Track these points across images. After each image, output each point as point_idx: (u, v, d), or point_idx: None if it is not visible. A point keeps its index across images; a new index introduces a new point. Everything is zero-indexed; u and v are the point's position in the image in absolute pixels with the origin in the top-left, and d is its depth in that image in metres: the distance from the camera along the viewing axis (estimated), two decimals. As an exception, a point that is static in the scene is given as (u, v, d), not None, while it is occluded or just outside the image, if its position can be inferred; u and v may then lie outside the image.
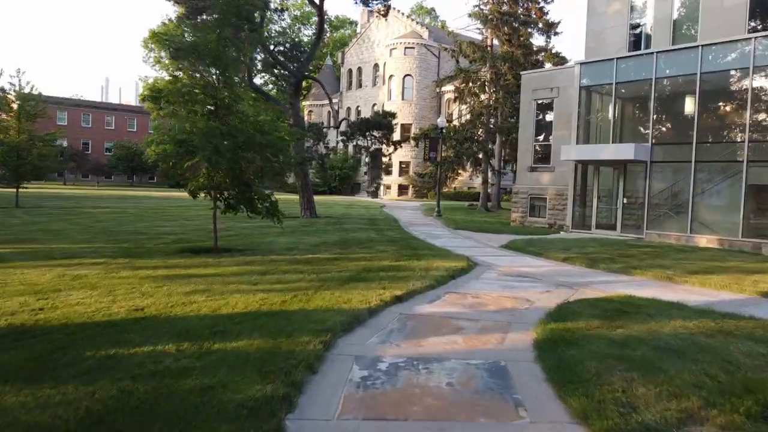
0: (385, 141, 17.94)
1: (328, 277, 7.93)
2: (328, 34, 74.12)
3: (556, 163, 21.98)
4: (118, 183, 71.77)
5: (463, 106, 35.15)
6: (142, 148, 64.14)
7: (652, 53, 17.56)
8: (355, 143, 18.01)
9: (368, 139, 18.04)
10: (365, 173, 56.64)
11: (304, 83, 74.07)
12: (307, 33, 72.31)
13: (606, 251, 12.62)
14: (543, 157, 23.49)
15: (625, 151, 17.57)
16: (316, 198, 45.48)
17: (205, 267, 8.82)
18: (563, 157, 19.49)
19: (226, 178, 10.40)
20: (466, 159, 30.12)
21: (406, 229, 17.93)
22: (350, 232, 15.22)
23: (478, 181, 46.38)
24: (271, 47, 19.18)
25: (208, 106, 10.60)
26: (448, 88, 49.86)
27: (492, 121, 29.98)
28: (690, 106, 17.50)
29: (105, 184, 69.49)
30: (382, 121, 17.12)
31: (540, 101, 23.33)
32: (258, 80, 50.50)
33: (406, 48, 50.71)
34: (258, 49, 18.22)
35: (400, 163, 50.29)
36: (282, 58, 18.86)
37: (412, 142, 50.44)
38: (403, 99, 50.39)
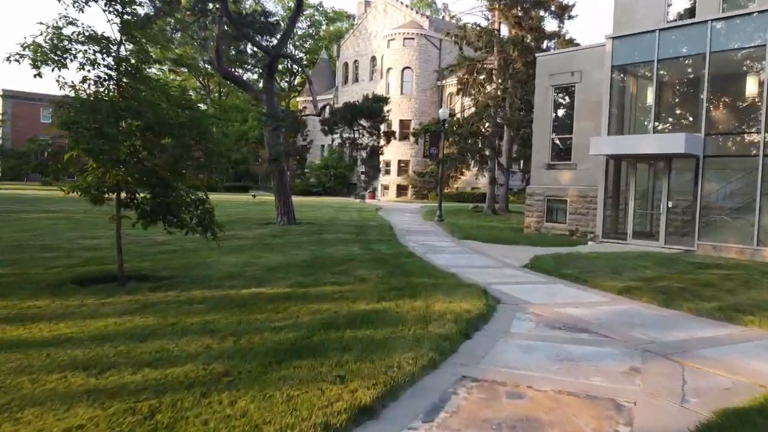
0: (375, 132, 14.69)
1: (252, 348, 4.54)
2: (324, 27, 70.86)
3: (579, 160, 18.63)
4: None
5: (467, 100, 31.80)
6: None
7: (706, 22, 14.16)
8: (339, 135, 14.74)
9: (356, 129, 14.77)
10: (362, 172, 53.24)
11: (298, 78, 70.75)
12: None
13: (672, 276, 9.23)
14: (562, 152, 20.12)
15: (672, 142, 14.17)
16: (309, 199, 42.09)
17: (64, 319, 5.44)
18: (593, 151, 16.10)
19: (128, 176, 7.02)
20: (471, 156, 26.77)
21: (402, 239, 14.60)
22: (328, 246, 11.86)
23: (482, 181, 43.03)
24: (241, 20, 15.94)
25: (104, 69, 7.18)
26: (450, 82, 46.56)
27: (500, 114, 26.60)
28: (753, 86, 14.12)
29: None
30: (372, 107, 13.80)
31: (559, 88, 19.97)
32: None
33: (405, 39, 47.35)
34: (223, 20, 14.96)
35: (399, 162, 46.94)
36: (251, 32, 15.59)
37: (412, 139, 47.14)
38: (402, 93, 47.02)
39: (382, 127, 18.22)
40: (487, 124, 27.91)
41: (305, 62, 68.42)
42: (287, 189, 17.17)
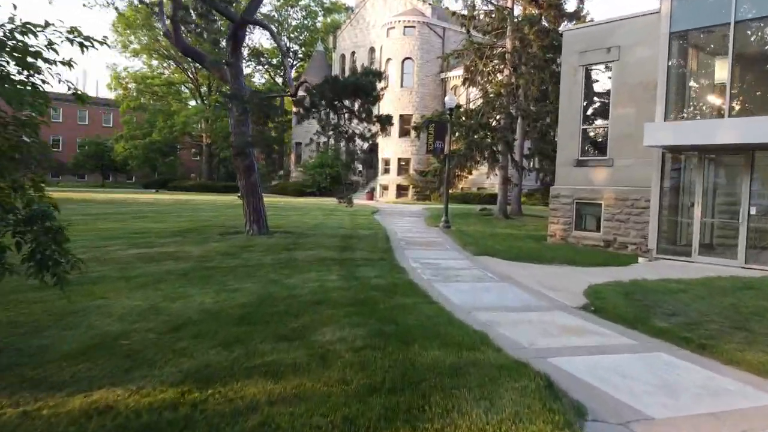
0: (366, 116, 11.27)
1: None
2: (320, 19, 67.37)
3: (617, 154, 15.17)
4: (90, 183, 64.95)
5: (474, 91, 28.34)
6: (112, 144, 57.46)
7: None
8: (318, 118, 11.29)
9: (340, 112, 11.30)
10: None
11: (293, 73, 67.21)
12: None
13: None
14: (596, 146, 16.64)
15: (761, 129, 10.67)
16: (301, 201, 38.56)
17: None
18: (647, 141, 12.58)
19: None
20: (481, 152, 23.26)
21: (400, 256, 11.12)
22: (294, 273, 8.35)
23: (489, 181, 39.52)
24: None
25: None
26: (454, 74, 43.07)
27: (514, 104, 23.08)
28: None
29: (74, 184, 62.62)
30: (361, 82, 10.28)
31: (591, 68, 16.51)
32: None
33: (405, 27, 43.83)
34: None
35: (399, 160, 43.45)
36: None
37: (413, 135, 43.56)
38: (402, 86, 43.52)
39: (376, 111, 14.81)
40: (498, 116, 24.40)
41: (300, 56, 64.94)
42: (257, 190, 13.69)
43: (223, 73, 13.24)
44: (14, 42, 4.28)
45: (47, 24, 4.34)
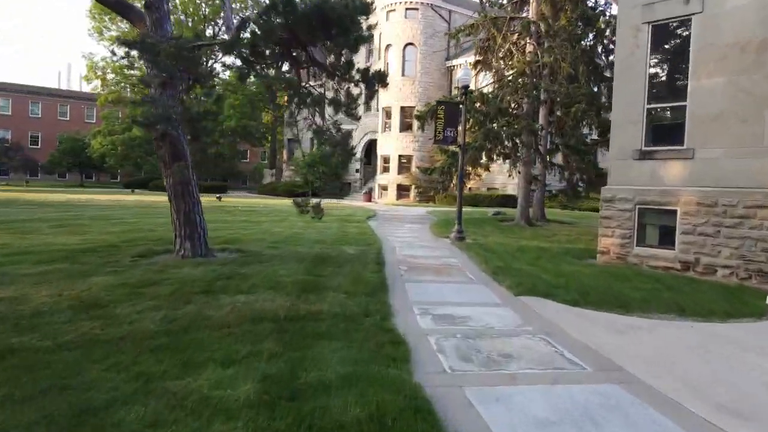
0: (341, 70, 7.12)
1: None
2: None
3: (699, 142, 10.83)
4: (70, 182, 60.57)
5: (486, 78, 24.02)
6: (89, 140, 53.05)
7: None
8: (266, 77, 7.11)
9: (301, 64, 7.13)
10: (357, 170, 45.46)
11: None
12: None
13: None
14: (667, 133, 12.26)
15: None
16: (287, 203, 34.39)
17: None
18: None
19: None
20: (499, 144, 18.88)
21: (396, 301, 6.70)
22: (170, 369, 3.93)
23: (501, 180, 35.15)
24: None
25: None
26: (462, 60, 38.69)
27: (542, 84, 18.65)
28: None
29: (51, 183, 58.24)
30: (335, 9, 6.10)
31: (660, 25, 12.15)
32: None
33: (407, 9, 39.46)
34: None
35: (400, 157, 39.08)
36: None
37: (415, 129, 39.14)
38: (403, 75, 39.14)
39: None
40: (521, 101, 19.98)
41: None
42: (191, 191, 9.35)
43: (141, 17, 8.94)
44: None
45: None
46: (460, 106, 15.19)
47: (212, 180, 62.30)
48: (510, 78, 18.41)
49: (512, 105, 19.46)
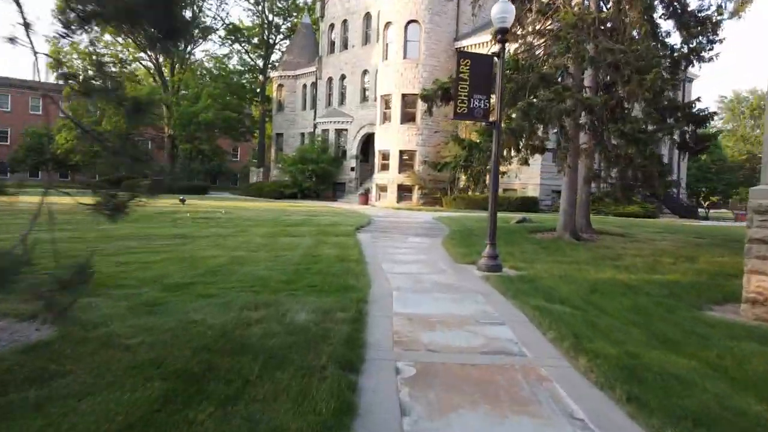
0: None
1: None
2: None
3: None
4: (36, 183, 55.24)
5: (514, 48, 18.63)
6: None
7: None
8: None
9: None
10: (352, 169, 40.06)
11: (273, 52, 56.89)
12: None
13: None
14: None
15: None
16: (267, 206, 28.72)
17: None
18: None
19: None
20: (543, 125, 13.46)
21: None
22: None
23: (520, 180, 29.73)
24: None
25: None
26: (475, 41, 33.34)
27: (605, 42, 13.17)
28: None
29: (21, 184, 52.84)
30: None
31: None
32: None
33: (410, -18, 34.03)
34: None
35: (401, 153, 33.68)
36: None
37: (419, 120, 33.84)
38: (405, 57, 33.73)
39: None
40: (570, 62, 14.52)
41: (284, 31, 55.06)
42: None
43: None
44: None
45: None
46: (495, 60, 9.74)
47: (198, 180, 56.96)
48: (564, 30, 12.90)
49: (556, 74, 14.04)
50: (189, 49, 46.96)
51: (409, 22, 33.61)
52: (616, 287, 8.63)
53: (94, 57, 45.66)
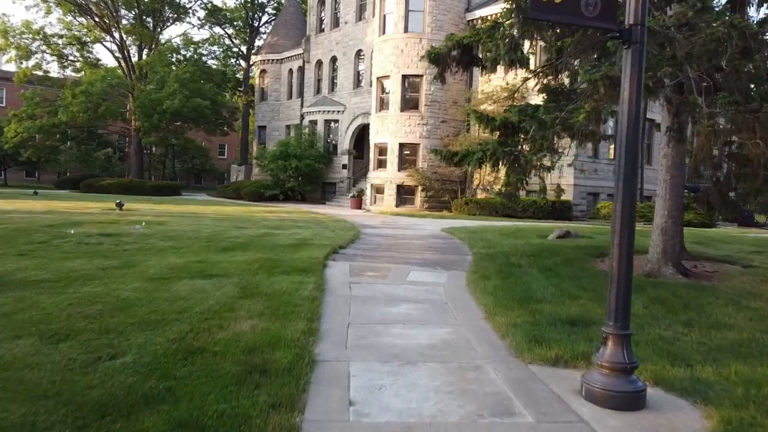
0: None
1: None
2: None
3: None
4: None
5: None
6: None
7: None
8: None
9: None
10: (344, 166, 34.20)
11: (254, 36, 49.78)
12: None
13: None
14: None
15: None
16: (247, 210, 22.48)
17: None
18: None
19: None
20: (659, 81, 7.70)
21: None
22: None
23: (553, 180, 23.81)
24: None
25: None
26: (487, 11, 27.49)
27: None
28: None
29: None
30: None
31: None
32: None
33: (412, -60, 28.13)
34: None
35: (401, 147, 27.81)
36: None
37: (423, 108, 27.96)
38: (406, 31, 27.86)
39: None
40: None
41: (270, 10, 49.07)
42: None
43: None
44: None
45: None
46: None
47: (171, 178, 51.08)
48: None
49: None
50: (160, 29, 41.14)
51: (411, -11, 27.70)
52: None
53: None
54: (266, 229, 14.83)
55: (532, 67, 11.65)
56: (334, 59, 35.49)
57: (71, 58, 41.33)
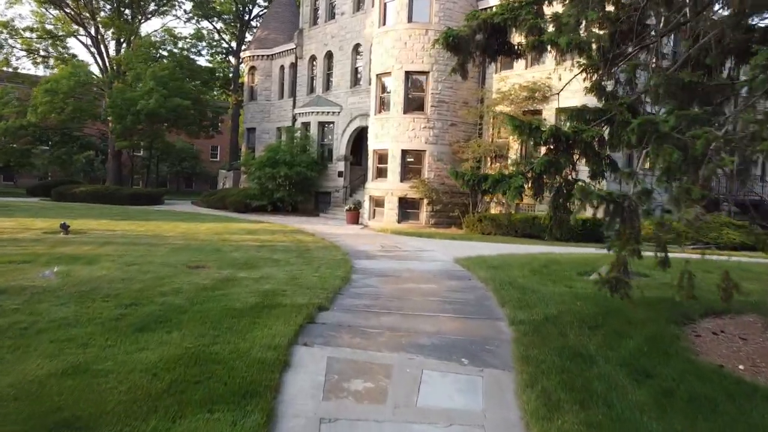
0: None
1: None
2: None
3: None
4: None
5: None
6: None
7: None
8: None
9: None
10: (339, 174, 30.72)
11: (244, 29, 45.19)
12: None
13: None
14: None
15: None
16: (222, 226, 18.90)
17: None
18: None
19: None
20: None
21: None
22: None
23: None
24: None
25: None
26: (505, -2, 24.13)
27: None
28: None
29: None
30: None
31: None
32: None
33: None
34: None
35: (404, 154, 24.32)
36: None
37: (429, 109, 24.45)
38: (410, 21, 24.38)
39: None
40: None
41: (261, 2, 45.58)
42: None
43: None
44: None
45: None
46: None
47: (160, 183, 47.72)
48: None
49: None
50: (139, 21, 37.66)
51: (415, -26, 24.22)
52: None
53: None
54: (231, 268, 11.33)
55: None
56: (329, 55, 32.01)
57: (43, 53, 37.87)
